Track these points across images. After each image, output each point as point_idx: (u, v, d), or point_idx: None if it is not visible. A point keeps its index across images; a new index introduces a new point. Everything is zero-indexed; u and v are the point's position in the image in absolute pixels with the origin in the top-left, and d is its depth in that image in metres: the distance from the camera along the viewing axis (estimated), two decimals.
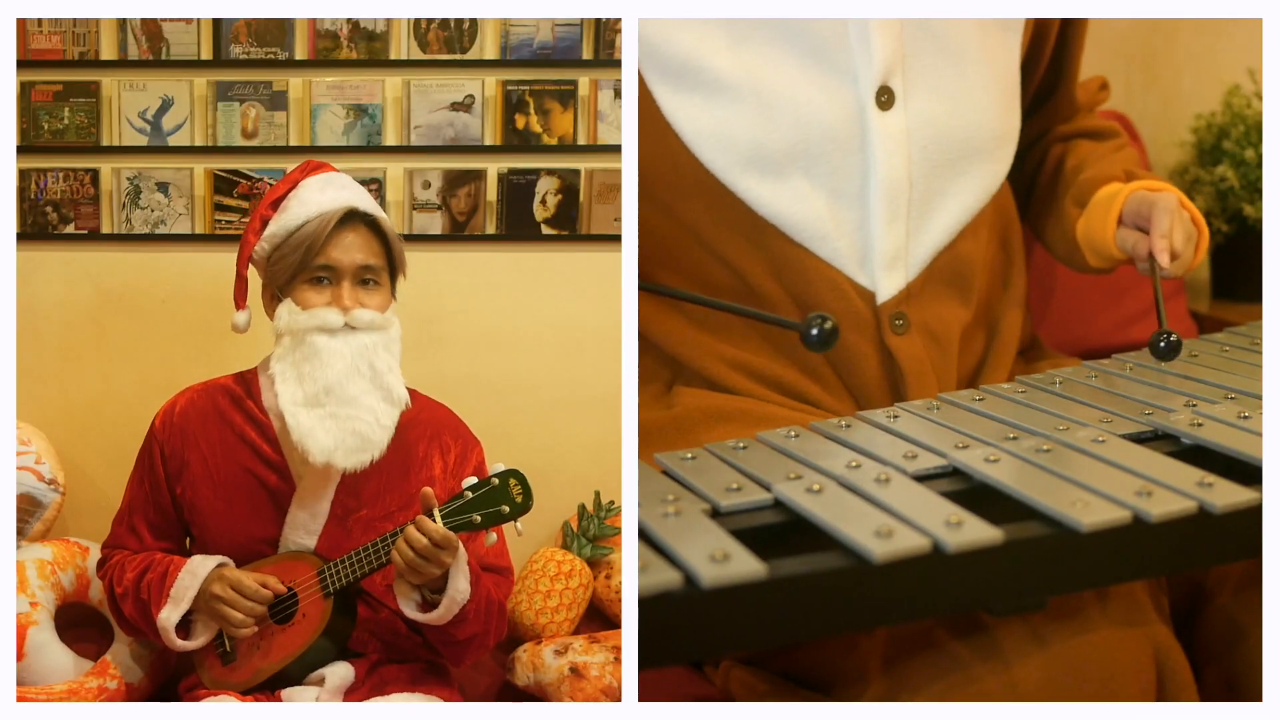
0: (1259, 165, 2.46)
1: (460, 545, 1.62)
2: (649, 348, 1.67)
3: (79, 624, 2.04)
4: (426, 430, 1.80)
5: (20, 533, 2.02)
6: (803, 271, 1.58)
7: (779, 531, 1.18)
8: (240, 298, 1.80)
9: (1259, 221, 2.45)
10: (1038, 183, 1.87)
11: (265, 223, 1.74)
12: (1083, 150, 1.85)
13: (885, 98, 1.55)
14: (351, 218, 1.71)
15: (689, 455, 1.33)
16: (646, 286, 1.55)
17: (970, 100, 1.60)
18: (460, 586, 1.64)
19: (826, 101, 1.54)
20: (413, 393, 1.83)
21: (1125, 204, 1.68)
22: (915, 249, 1.60)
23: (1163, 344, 1.52)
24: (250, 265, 1.78)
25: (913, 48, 1.57)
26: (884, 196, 1.56)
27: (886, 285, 1.60)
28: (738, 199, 1.56)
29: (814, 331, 1.34)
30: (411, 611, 1.66)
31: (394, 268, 1.76)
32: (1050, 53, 1.80)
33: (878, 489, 1.18)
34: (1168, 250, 1.59)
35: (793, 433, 1.38)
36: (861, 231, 1.58)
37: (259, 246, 1.74)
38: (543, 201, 2.18)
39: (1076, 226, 1.75)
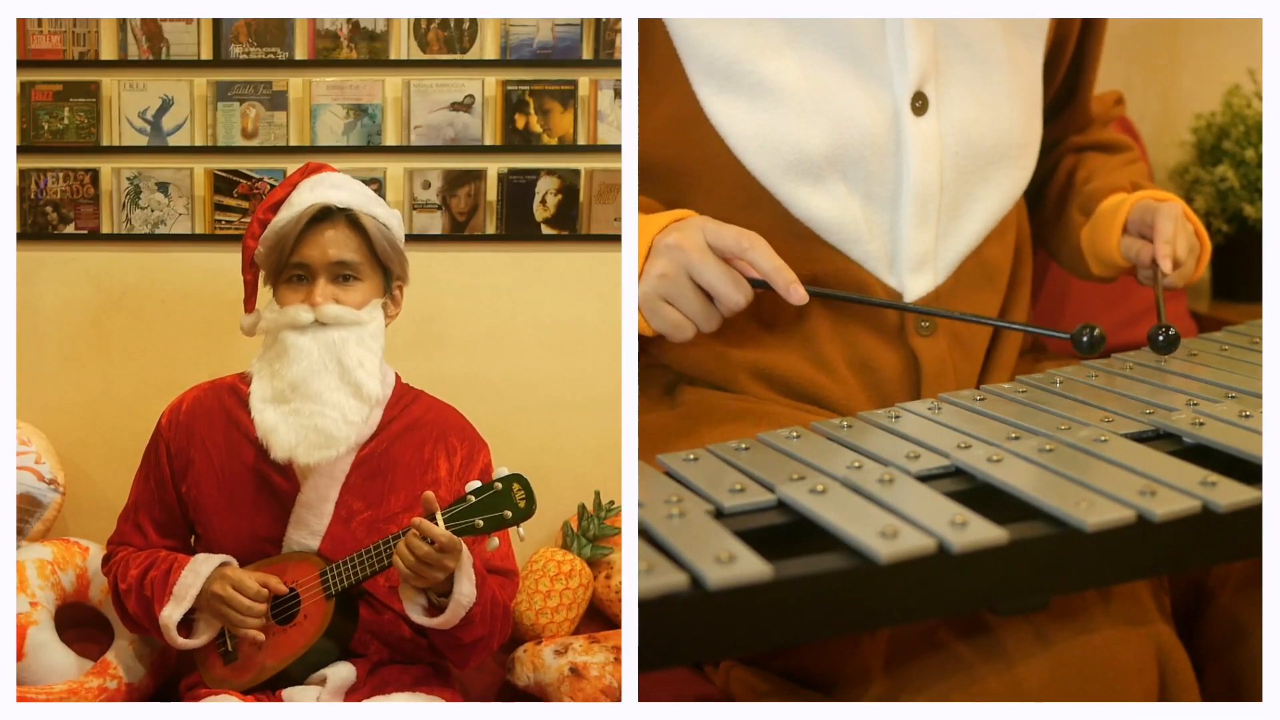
0: (1259, 165, 2.46)
1: (465, 549, 1.62)
2: (650, 350, 1.67)
3: (79, 624, 2.04)
4: (433, 432, 1.80)
5: (20, 533, 2.02)
6: (834, 273, 1.59)
7: (783, 532, 1.18)
8: (249, 302, 1.80)
9: (1259, 221, 2.45)
10: (1047, 192, 1.88)
11: (264, 226, 1.75)
12: (1093, 163, 1.87)
13: (920, 103, 1.56)
14: (328, 214, 1.71)
15: (691, 456, 1.33)
16: (818, 292, 1.53)
17: (998, 107, 1.61)
18: (465, 591, 1.64)
19: (865, 107, 1.55)
20: (419, 393, 1.83)
21: (1130, 212, 1.70)
22: (944, 252, 1.61)
23: (1161, 338, 1.54)
24: (257, 268, 1.78)
25: (945, 55, 1.58)
26: (915, 200, 1.57)
27: (914, 287, 1.61)
28: (776, 202, 1.57)
29: (1085, 339, 1.46)
30: (418, 616, 1.66)
31: (384, 264, 1.75)
32: (1067, 63, 1.81)
33: (881, 489, 1.18)
34: (1171, 256, 1.61)
35: (794, 433, 1.38)
36: (891, 234, 1.59)
37: (258, 250, 1.75)
38: (543, 201, 2.18)
39: (1081, 234, 1.77)
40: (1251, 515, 1.16)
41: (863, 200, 1.58)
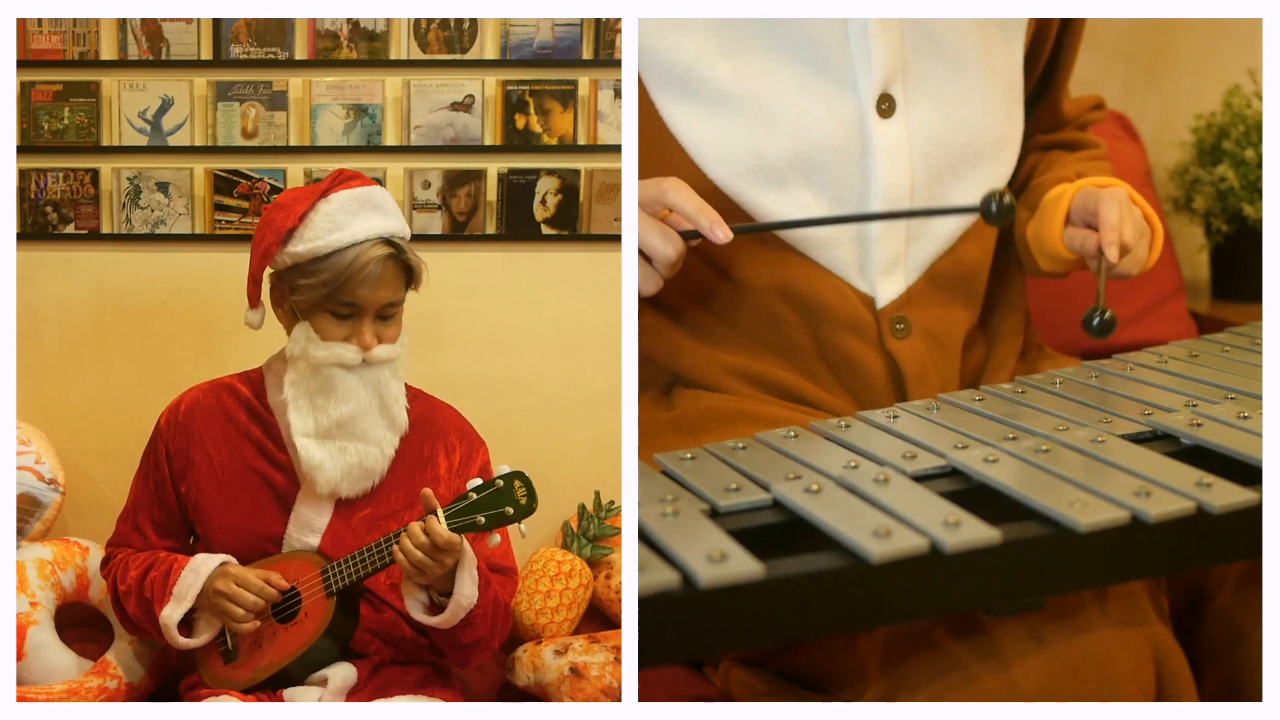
0: (1259, 165, 2.46)
1: (468, 547, 1.62)
2: (649, 357, 1.67)
3: (79, 624, 2.04)
4: (432, 430, 1.80)
5: (20, 533, 2.02)
6: (805, 279, 1.57)
7: (777, 531, 1.18)
8: (254, 297, 1.78)
9: (1259, 221, 2.45)
10: None
11: (289, 232, 1.69)
12: (1052, 159, 1.81)
13: (886, 105, 1.55)
14: (383, 256, 1.68)
15: (688, 455, 1.33)
16: (744, 228, 1.50)
17: (971, 105, 1.59)
18: (467, 591, 1.64)
19: (827, 111, 1.53)
20: (419, 393, 1.83)
21: (1073, 201, 1.63)
22: (914, 254, 1.60)
23: (1096, 321, 1.49)
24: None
25: (913, 54, 1.55)
26: (884, 204, 1.55)
27: (885, 290, 1.59)
28: (740, 208, 1.56)
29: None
30: (419, 614, 1.66)
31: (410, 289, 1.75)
32: (1045, 59, 1.77)
33: (876, 489, 1.18)
34: (1117, 243, 1.52)
35: (791, 433, 1.37)
36: (860, 239, 1.58)
37: (279, 258, 1.70)
38: (543, 201, 2.18)
39: (1026, 230, 1.71)
40: (1247, 516, 1.16)
41: (829, 204, 1.56)
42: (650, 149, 1.57)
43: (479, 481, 1.60)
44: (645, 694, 1.48)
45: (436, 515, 1.58)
